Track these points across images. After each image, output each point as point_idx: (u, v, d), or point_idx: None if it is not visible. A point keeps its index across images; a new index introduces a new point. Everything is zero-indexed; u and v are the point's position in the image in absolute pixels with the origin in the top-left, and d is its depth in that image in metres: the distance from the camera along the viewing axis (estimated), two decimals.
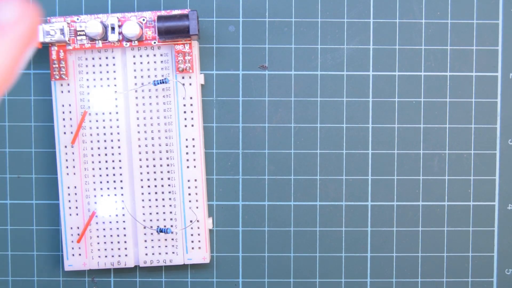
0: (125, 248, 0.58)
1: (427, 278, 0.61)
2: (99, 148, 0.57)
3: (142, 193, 0.58)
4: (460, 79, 0.60)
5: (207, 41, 0.60)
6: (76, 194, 0.58)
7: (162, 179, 0.58)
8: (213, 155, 0.60)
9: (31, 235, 0.61)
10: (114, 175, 0.58)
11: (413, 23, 0.60)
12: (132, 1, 0.59)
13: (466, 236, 0.61)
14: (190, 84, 0.57)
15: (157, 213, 0.58)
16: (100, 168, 0.58)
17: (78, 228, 0.58)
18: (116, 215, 0.58)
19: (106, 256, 0.58)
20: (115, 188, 0.58)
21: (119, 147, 0.58)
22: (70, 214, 0.58)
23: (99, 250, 0.58)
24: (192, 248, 0.58)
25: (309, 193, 0.61)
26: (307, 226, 0.61)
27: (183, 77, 0.57)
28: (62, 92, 0.57)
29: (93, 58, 0.57)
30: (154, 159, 0.58)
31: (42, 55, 0.59)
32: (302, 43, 0.60)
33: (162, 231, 0.57)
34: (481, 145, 0.61)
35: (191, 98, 0.57)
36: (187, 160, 0.58)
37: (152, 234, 0.58)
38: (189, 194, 0.58)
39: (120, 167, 0.58)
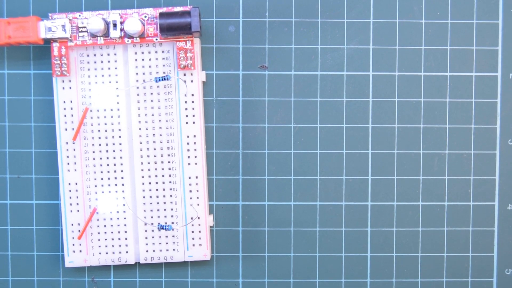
0: (126, 245, 0.58)
1: (427, 278, 0.61)
2: (100, 144, 0.57)
3: (143, 190, 0.58)
4: (460, 79, 0.60)
5: (207, 41, 0.60)
6: (77, 190, 0.58)
7: (163, 176, 0.58)
8: (213, 155, 0.60)
9: (31, 235, 0.61)
10: (115, 171, 0.58)
11: (413, 23, 0.60)
12: None
13: (466, 236, 0.61)
14: (192, 81, 0.57)
15: (158, 209, 0.58)
16: (101, 165, 0.58)
17: (79, 224, 0.58)
18: (117, 212, 0.58)
19: (106, 253, 0.58)
20: (116, 184, 0.58)
21: (120, 144, 0.58)
22: (71, 211, 0.58)
23: (99, 246, 0.58)
24: (193, 245, 0.58)
25: (309, 193, 0.61)
26: (307, 226, 0.61)
27: (184, 74, 0.57)
28: (63, 88, 0.57)
29: (94, 55, 0.57)
30: (155, 156, 0.58)
31: (42, 55, 0.59)
32: (302, 43, 0.60)
33: (163, 228, 0.57)
34: (481, 145, 0.61)
35: (192, 95, 0.57)
36: (188, 157, 0.58)
37: (153, 231, 0.58)
38: (190, 191, 0.58)
39: (121, 164, 0.58)
